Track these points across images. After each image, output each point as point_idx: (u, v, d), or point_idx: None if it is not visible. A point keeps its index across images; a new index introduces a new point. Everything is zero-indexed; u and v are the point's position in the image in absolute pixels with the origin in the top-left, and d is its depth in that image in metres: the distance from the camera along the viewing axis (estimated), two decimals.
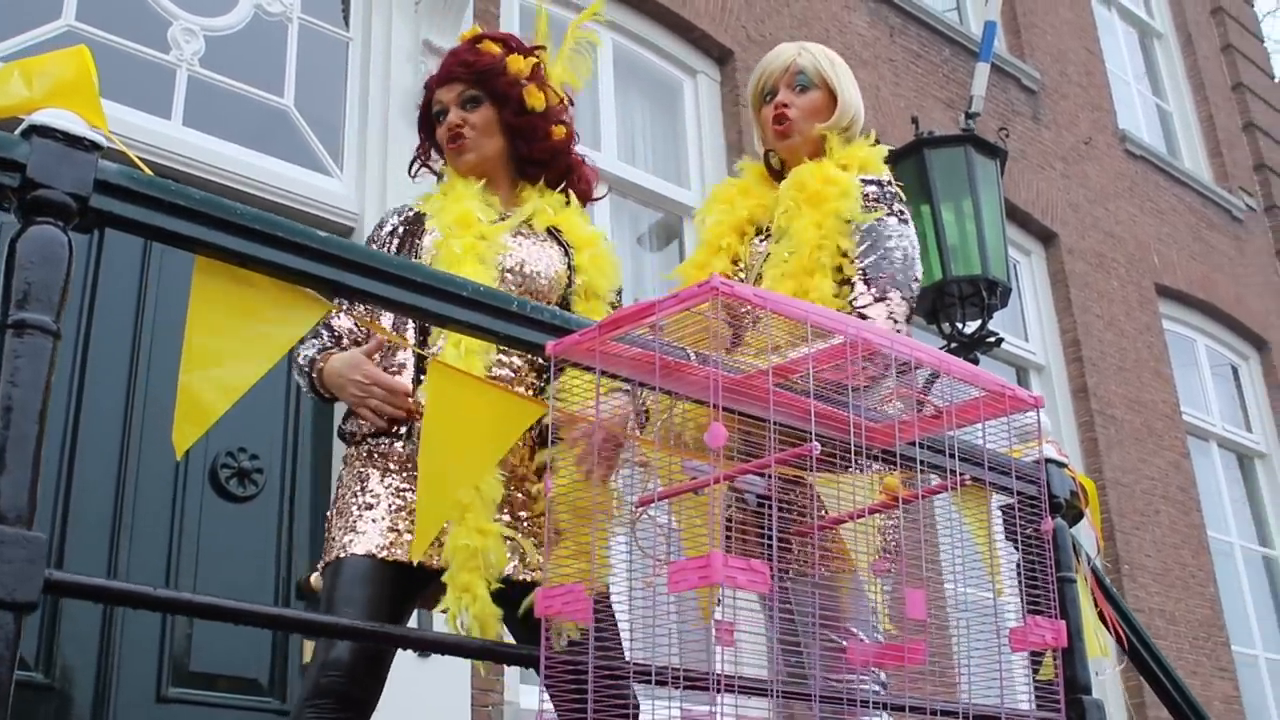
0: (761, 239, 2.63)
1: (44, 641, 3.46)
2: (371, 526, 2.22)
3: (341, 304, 2.18)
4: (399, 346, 2.35)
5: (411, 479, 2.23)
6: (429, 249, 2.38)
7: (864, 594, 2.10)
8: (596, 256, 2.50)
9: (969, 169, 5.73)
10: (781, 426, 1.68)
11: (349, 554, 2.21)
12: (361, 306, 2.24)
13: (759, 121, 2.73)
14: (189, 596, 1.54)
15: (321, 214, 4.40)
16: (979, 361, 5.38)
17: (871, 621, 2.14)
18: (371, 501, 2.26)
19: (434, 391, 1.81)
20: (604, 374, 1.75)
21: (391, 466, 2.28)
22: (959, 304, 5.62)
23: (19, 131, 1.41)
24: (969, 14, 8.30)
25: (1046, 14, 8.70)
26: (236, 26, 4.57)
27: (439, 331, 2.22)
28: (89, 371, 3.79)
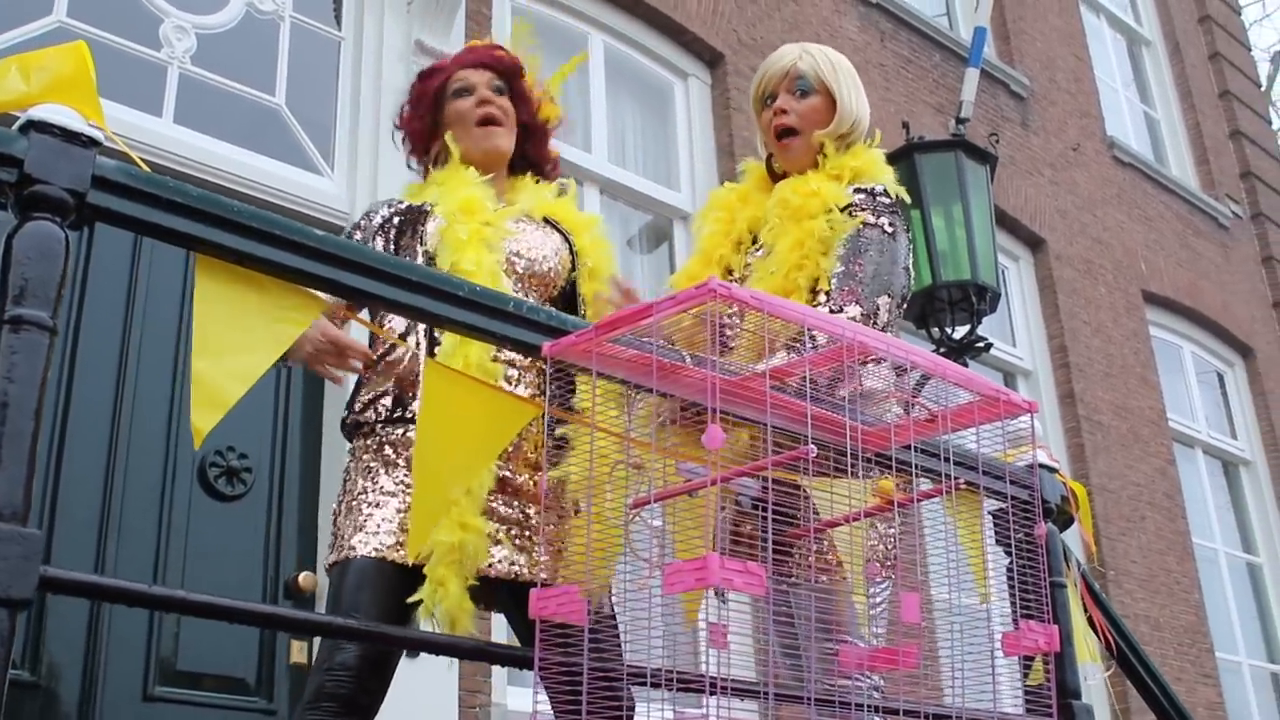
0: (757, 249, 2.60)
1: (31, 639, 3.45)
2: (381, 526, 2.21)
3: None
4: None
5: None
6: (433, 235, 2.37)
7: (854, 598, 2.10)
8: (597, 240, 2.57)
9: (959, 174, 5.75)
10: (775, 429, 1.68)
11: (357, 555, 2.20)
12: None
13: (760, 125, 2.71)
14: (183, 594, 1.53)
15: (312, 213, 4.39)
16: (968, 366, 5.39)
17: (861, 625, 2.14)
18: (381, 500, 2.24)
19: (429, 391, 1.80)
20: (601, 376, 1.74)
21: (401, 462, 2.27)
22: (948, 309, 5.64)
23: (16, 127, 1.40)
24: (959, 20, 8.32)
25: (1036, 21, 8.73)
26: (228, 25, 4.56)
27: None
28: (78, 368, 3.77)
